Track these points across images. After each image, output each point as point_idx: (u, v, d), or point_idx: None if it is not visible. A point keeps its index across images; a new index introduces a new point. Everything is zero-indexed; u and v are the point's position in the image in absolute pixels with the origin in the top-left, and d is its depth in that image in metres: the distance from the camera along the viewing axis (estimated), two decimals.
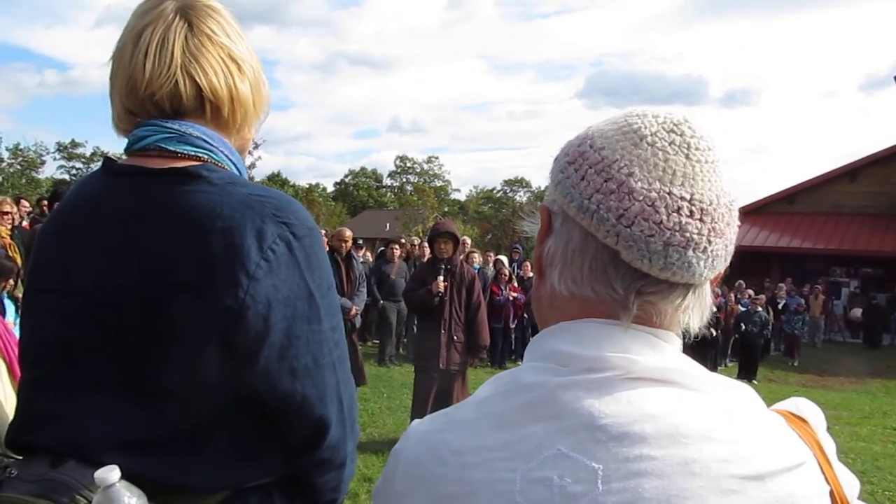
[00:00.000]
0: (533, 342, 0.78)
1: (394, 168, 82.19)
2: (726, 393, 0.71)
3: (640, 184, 0.71)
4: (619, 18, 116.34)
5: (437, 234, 6.02)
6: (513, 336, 12.20)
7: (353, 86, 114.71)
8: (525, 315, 11.83)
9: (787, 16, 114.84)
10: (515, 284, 11.66)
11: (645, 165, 0.72)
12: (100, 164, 1.13)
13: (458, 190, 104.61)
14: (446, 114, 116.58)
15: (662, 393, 0.69)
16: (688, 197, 0.71)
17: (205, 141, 1.10)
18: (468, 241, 12.16)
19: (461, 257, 6.27)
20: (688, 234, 0.71)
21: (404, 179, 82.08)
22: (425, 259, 10.39)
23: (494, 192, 78.87)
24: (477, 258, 11.18)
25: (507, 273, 11.51)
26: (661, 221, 0.71)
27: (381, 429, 6.86)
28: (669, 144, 0.73)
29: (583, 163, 0.75)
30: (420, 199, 42.34)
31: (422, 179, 78.43)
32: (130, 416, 1.00)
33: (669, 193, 0.71)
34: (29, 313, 1.11)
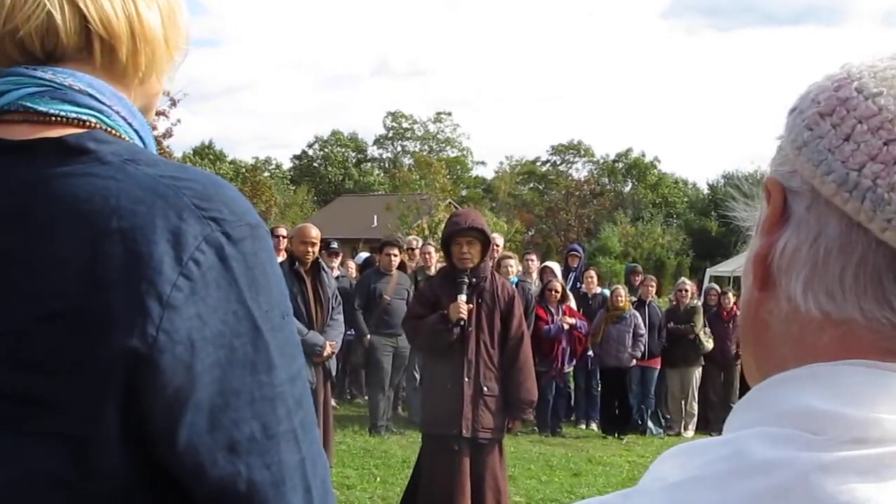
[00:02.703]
0: (759, 393, 0.76)
1: (383, 131, 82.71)
2: None
3: None
4: None
5: (456, 230, 6.01)
6: (571, 385, 12.19)
7: (316, 8, 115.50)
8: (590, 353, 11.83)
9: None
10: (572, 305, 11.65)
11: None
12: None
13: (483, 163, 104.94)
14: (462, 48, 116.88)
15: None
16: None
17: (92, 97, 1.11)
18: (500, 241, 12.16)
19: (491, 265, 6.27)
20: None
21: (399, 148, 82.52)
22: (435, 270, 10.39)
23: (538, 164, 79.06)
24: (514, 266, 11.18)
25: (560, 289, 11.50)
26: None
27: None
28: None
29: (847, 115, 0.74)
30: (424, 176, 42.43)
31: (426, 147, 78.68)
32: None
33: None
34: None
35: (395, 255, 10.94)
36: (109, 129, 1.11)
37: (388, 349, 10.61)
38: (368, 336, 10.60)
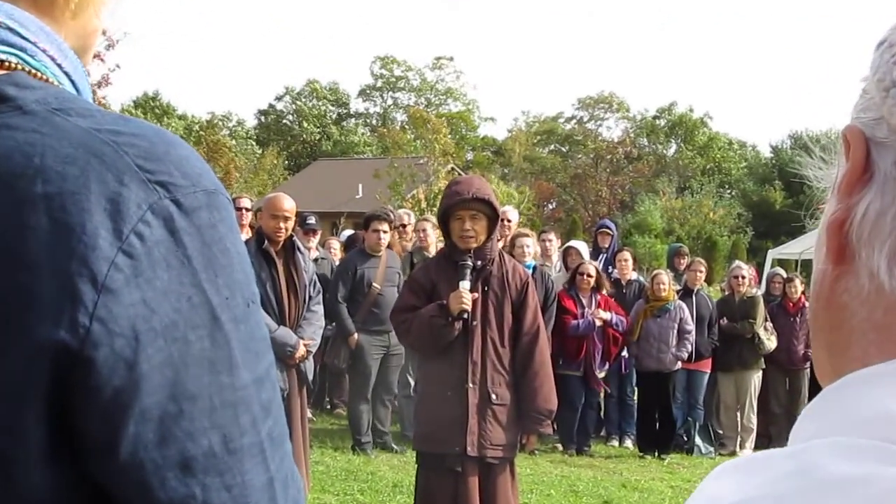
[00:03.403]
0: (833, 395, 0.76)
1: (370, 80, 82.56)
2: None
3: None
4: None
5: (456, 202, 5.98)
6: (601, 395, 12.18)
7: None
8: (624, 354, 11.82)
9: None
10: (605, 293, 11.62)
11: None
12: None
13: (493, 119, 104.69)
14: None
15: None
16: None
17: (11, 31, 1.10)
18: (514, 215, 12.15)
19: (502, 245, 6.26)
20: None
21: (389, 101, 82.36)
22: (436, 250, 10.32)
23: (561, 121, 78.94)
24: (531, 247, 11.17)
25: (595, 274, 11.48)
26: None
27: None
28: None
29: None
30: (420, 136, 42.39)
31: (423, 100, 78.55)
32: None
33: None
34: None
35: (385, 232, 10.76)
36: (33, 71, 1.10)
37: (377, 350, 10.57)
38: (356, 336, 10.50)
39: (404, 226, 12.63)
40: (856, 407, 0.72)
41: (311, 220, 12.33)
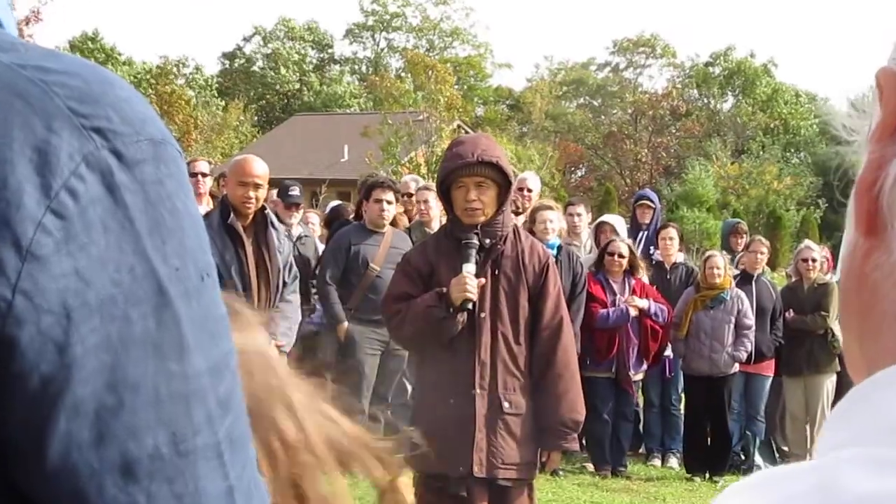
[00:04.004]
0: (860, 396, 0.76)
1: (359, 18, 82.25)
2: None
3: None
4: None
5: (458, 166, 5.95)
6: (639, 403, 12.17)
7: None
8: (668, 353, 11.78)
9: None
10: (643, 279, 11.59)
11: None
12: None
13: (509, 66, 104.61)
14: None
15: None
16: None
17: None
18: (535, 182, 12.12)
19: (520, 221, 6.23)
20: None
21: (383, 43, 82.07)
22: (432, 224, 10.26)
23: (592, 69, 78.63)
24: (554, 223, 11.11)
25: (628, 254, 11.45)
26: None
27: None
28: None
29: None
30: (420, 86, 42.31)
31: (423, 42, 78.29)
32: None
33: None
34: None
35: (390, 203, 10.55)
36: None
37: (374, 344, 10.46)
38: (346, 324, 10.42)
39: (409, 195, 12.45)
40: (882, 411, 0.72)
41: (295, 191, 12.09)
